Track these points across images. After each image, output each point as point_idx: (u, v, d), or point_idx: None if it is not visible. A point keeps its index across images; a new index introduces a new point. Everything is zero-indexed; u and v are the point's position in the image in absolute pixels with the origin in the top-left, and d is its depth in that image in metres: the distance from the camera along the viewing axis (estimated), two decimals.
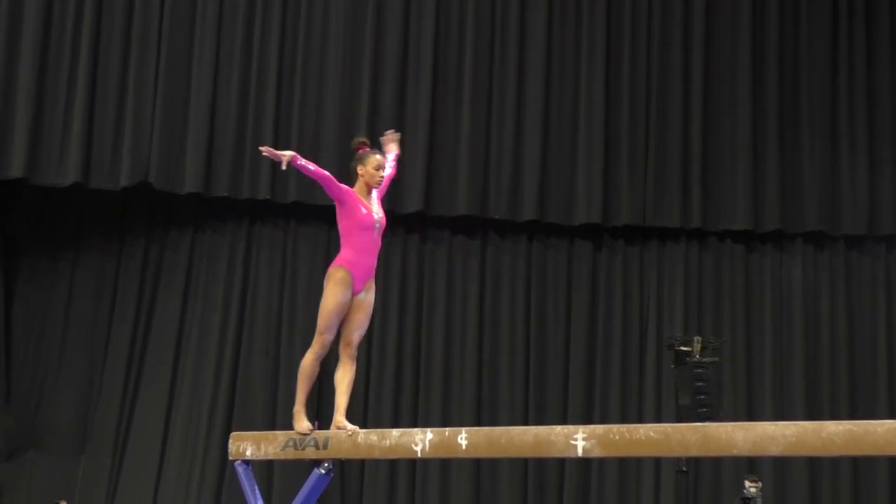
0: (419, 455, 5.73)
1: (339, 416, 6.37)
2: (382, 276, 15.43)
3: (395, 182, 15.08)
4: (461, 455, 5.66)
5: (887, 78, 15.94)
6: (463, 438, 5.60)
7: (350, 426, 6.27)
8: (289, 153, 6.45)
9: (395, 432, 5.82)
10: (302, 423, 6.43)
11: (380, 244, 6.73)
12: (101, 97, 14.59)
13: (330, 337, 6.54)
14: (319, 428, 6.51)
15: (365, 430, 5.97)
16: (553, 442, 5.39)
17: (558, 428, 5.41)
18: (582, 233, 15.76)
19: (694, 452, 5.12)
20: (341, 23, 15.26)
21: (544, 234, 15.80)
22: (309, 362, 6.52)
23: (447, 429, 5.71)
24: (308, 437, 5.96)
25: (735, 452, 5.00)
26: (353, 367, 6.56)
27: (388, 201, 14.91)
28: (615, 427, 5.30)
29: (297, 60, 15.19)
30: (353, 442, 5.91)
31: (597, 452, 5.30)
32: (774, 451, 4.90)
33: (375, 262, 6.72)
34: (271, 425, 14.17)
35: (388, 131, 7.49)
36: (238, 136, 14.84)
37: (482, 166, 15.37)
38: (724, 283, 15.89)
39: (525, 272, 15.76)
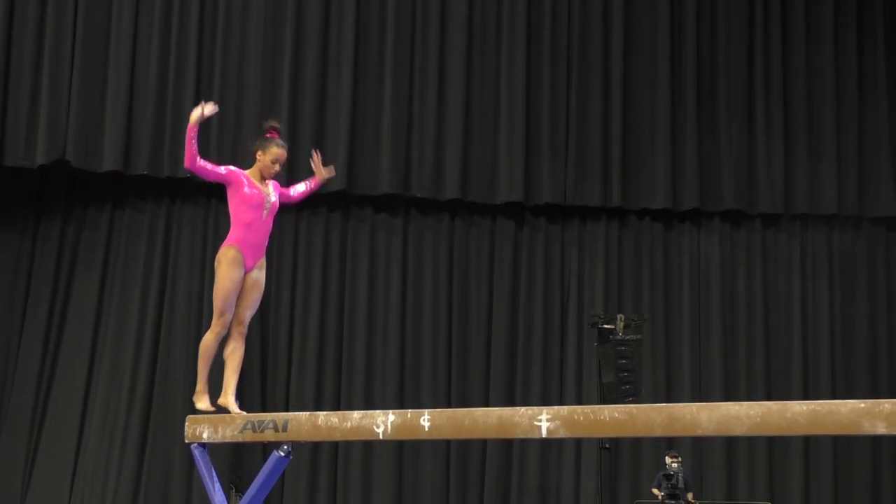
0: (380, 437, 5.72)
1: (229, 398, 6.42)
2: (305, 255, 15.37)
3: None
4: (423, 436, 5.65)
5: (801, 62, 16.24)
6: (425, 420, 5.59)
7: (237, 409, 6.30)
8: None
9: (357, 414, 5.80)
10: (205, 403, 6.50)
11: (270, 225, 6.87)
12: (15, 72, 14.27)
13: (229, 316, 6.69)
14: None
15: (325, 413, 5.92)
16: (517, 423, 5.41)
17: (522, 409, 5.43)
18: (504, 211, 15.84)
19: (658, 433, 5.17)
20: None
21: (467, 212, 15.85)
22: (209, 342, 6.64)
23: (409, 411, 5.70)
24: (267, 420, 5.92)
25: (700, 433, 5.06)
26: (243, 346, 6.75)
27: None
28: (579, 408, 5.35)
29: (217, 36, 14.99)
30: (314, 424, 5.88)
31: (561, 433, 5.34)
32: (739, 431, 4.98)
33: (266, 241, 6.87)
34: (192, 406, 13.98)
35: (321, 165, 7.26)
36: (158, 113, 14.60)
37: (404, 145, 15.34)
38: (643, 261, 16.10)
39: (447, 250, 15.79)
